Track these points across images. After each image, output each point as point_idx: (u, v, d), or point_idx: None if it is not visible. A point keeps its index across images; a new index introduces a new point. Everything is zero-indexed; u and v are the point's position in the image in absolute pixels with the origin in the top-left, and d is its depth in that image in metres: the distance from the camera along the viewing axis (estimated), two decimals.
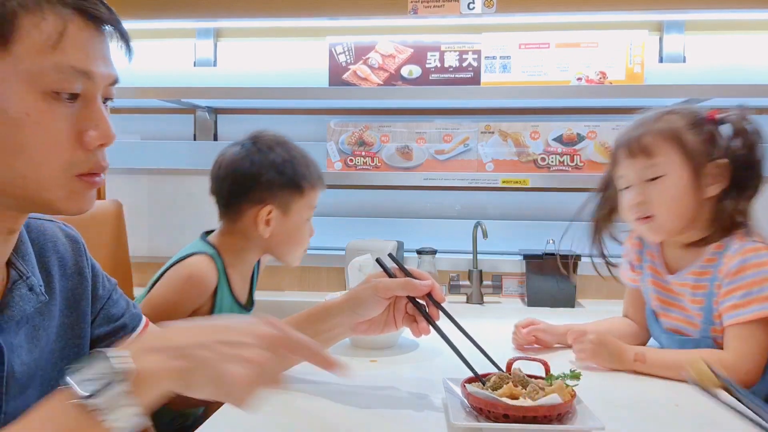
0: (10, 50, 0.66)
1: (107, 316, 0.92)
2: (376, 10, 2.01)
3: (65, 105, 0.69)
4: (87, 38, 0.70)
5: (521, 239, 2.04)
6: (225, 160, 1.34)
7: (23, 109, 0.67)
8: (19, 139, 0.67)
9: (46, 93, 0.68)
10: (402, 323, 1.03)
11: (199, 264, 1.28)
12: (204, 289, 1.27)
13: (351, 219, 2.18)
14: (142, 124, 2.28)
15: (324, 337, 1.05)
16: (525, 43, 1.99)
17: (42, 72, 0.67)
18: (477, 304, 1.83)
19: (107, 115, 0.73)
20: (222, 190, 1.34)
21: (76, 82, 0.69)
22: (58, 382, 0.83)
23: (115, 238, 1.66)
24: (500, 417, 0.83)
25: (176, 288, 1.26)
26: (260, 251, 1.38)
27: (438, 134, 2.05)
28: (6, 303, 0.75)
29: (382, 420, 0.91)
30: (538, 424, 0.82)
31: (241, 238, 1.35)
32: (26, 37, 0.66)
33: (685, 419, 0.93)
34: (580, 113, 2.09)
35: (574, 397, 0.86)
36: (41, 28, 0.66)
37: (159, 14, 2.11)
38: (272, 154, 1.32)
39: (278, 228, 1.33)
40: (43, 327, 0.81)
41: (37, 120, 0.67)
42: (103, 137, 0.72)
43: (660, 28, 2.07)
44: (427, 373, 1.12)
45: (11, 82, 0.66)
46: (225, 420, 0.90)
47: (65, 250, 0.87)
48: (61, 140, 0.69)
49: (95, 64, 0.71)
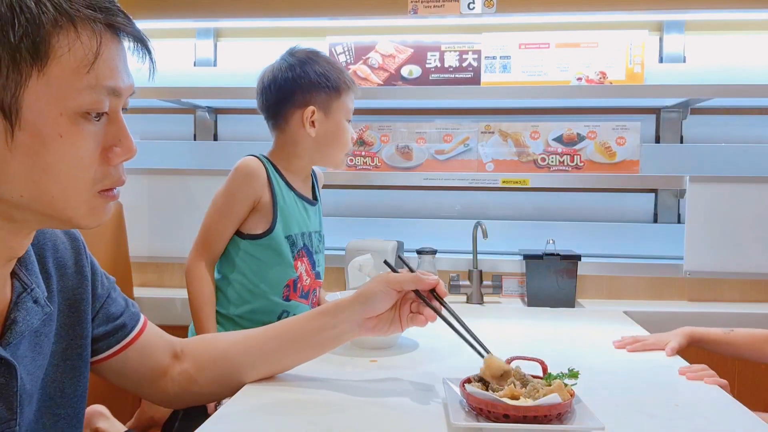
0: (47, 71, 0.65)
1: (107, 314, 0.92)
2: (376, 10, 2.01)
3: (93, 123, 0.69)
4: (115, 53, 0.70)
5: (521, 239, 2.04)
6: (267, 75, 1.49)
7: (57, 129, 0.66)
8: (49, 158, 0.67)
9: (77, 113, 0.67)
10: (407, 323, 1.04)
11: (244, 160, 1.44)
12: (252, 177, 1.42)
13: (351, 219, 2.18)
14: (142, 124, 2.28)
15: (331, 334, 1.04)
16: (525, 43, 1.99)
17: (76, 92, 0.67)
18: (477, 304, 1.83)
19: (128, 130, 0.74)
20: (269, 100, 1.48)
21: (105, 100, 0.69)
22: (62, 384, 0.84)
23: (115, 238, 1.66)
24: (500, 417, 0.83)
25: (228, 182, 1.43)
26: (309, 155, 1.51)
27: (438, 134, 2.05)
28: (14, 319, 0.75)
29: (382, 420, 0.91)
30: (539, 424, 0.82)
31: (291, 144, 1.49)
32: (62, 57, 0.65)
33: (685, 419, 0.93)
34: (580, 113, 2.09)
35: (573, 396, 0.86)
36: (76, 48, 0.66)
37: (159, 14, 2.11)
38: (309, 61, 1.47)
39: (322, 128, 1.47)
40: (44, 333, 0.81)
41: (71, 141, 0.67)
42: (127, 152, 0.73)
43: (660, 28, 2.07)
44: (427, 373, 1.12)
45: (46, 102, 0.65)
46: (225, 420, 0.90)
47: (65, 249, 0.87)
48: (88, 159, 0.70)
49: (121, 78, 0.71)
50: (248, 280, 1.44)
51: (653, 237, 2.06)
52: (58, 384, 0.84)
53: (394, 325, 1.05)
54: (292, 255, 1.46)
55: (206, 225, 1.44)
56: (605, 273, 1.95)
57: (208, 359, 1.03)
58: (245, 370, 1.03)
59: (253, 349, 1.04)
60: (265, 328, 1.07)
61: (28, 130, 0.65)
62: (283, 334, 1.05)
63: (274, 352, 1.04)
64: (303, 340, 1.05)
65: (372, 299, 1.02)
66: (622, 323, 1.60)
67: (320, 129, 1.47)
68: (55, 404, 0.83)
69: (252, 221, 1.43)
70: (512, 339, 1.44)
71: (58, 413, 0.84)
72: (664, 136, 2.09)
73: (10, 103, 0.64)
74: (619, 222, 2.11)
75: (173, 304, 1.88)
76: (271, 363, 1.05)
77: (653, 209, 2.12)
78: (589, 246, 2.01)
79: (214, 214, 1.43)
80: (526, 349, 1.32)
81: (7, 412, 0.73)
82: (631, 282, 1.94)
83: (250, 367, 1.03)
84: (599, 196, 2.12)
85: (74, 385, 0.86)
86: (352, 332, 1.05)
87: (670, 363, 1.22)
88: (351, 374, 1.12)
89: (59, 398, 0.84)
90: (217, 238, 1.44)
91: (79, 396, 0.87)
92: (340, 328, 1.04)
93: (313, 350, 1.07)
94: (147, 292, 1.93)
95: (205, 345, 1.06)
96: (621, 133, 1.97)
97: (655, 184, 2.03)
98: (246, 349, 1.04)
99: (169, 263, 2.05)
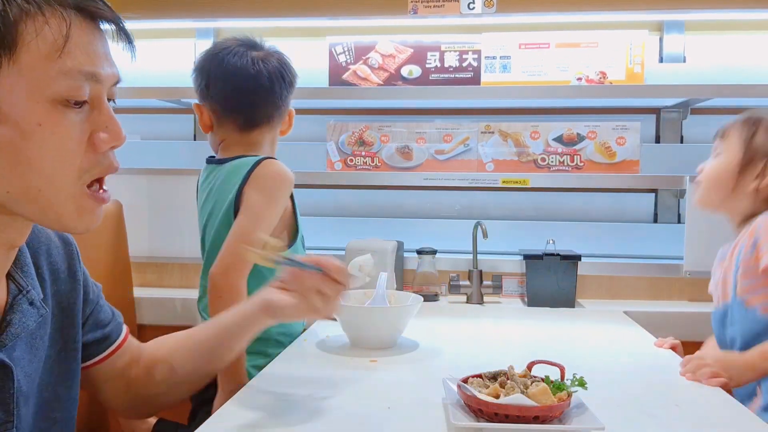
0: (16, 59, 0.64)
1: (96, 321, 0.92)
2: (376, 10, 2.01)
3: (74, 111, 0.68)
4: (90, 39, 0.68)
5: (521, 239, 2.04)
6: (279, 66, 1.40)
7: (35, 119, 0.65)
8: (31, 150, 0.65)
9: (55, 100, 0.66)
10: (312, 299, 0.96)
11: (278, 165, 1.34)
12: (291, 184, 1.35)
13: (351, 219, 2.18)
14: (142, 124, 2.28)
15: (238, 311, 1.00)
16: (525, 43, 1.99)
17: (51, 79, 0.65)
18: (477, 304, 1.83)
19: (115, 116, 0.72)
20: (271, 94, 1.39)
21: (84, 86, 0.67)
22: (56, 388, 0.84)
23: (115, 238, 1.66)
24: (502, 417, 0.83)
25: (271, 191, 1.31)
26: (270, 152, 1.45)
27: (438, 134, 2.05)
28: (9, 320, 0.74)
29: (382, 420, 0.91)
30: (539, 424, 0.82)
31: (273, 142, 1.45)
32: (31, 44, 0.64)
33: (685, 419, 0.93)
34: (580, 113, 2.09)
35: (564, 401, 0.86)
36: (45, 33, 0.64)
37: (159, 14, 2.11)
38: (284, 57, 1.43)
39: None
40: (39, 336, 0.80)
41: (50, 130, 0.66)
42: (114, 139, 0.71)
43: (660, 28, 2.07)
44: (427, 373, 1.12)
45: (20, 92, 0.64)
46: (225, 420, 0.90)
47: (58, 254, 0.87)
48: (73, 147, 0.68)
49: (101, 65, 0.69)
50: None
51: (653, 237, 2.06)
52: (53, 387, 0.84)
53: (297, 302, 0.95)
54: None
55: (249, 236, 1.23)
56: (605, 273, 1.95)
57: (154, 358, 1.01)
58: (178, 366, 1.00)
59: (183, 342, 1.02)
60: (204, 323, 1.06)
61: (5, 122, 0.64)
62: (211, 322, 1.04)
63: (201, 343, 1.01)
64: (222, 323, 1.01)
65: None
66: (622, 323, 1.60)
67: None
68: (50, 408, 0.83)
69: (283, 234, 1.36)
70: (512, 339, 1.44)
71: (54, 417, 0.84)
72: (664, 136, 2.09)
73: None
74: (619, 222, 2.11)
75: (173, 304, 1.87)
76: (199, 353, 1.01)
77: (653, 209, 2.12)
78: (589, 246, 2.01)
79: (257, 224, 1.26)
80: (525, 349, 1.32)
81: (4, 414, 0.73)
82: (631, 282, 1.94)
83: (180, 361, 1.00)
84: (599, 196, 2.12)
85: (68, 389, 0.86)
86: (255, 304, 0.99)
87: (670, 363, 1.22)
88: (351, 374, 1.12)
89: (54, 402, 0.84)
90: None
91: (73, 399, 0.87)
92: (248, 301, 1.00)
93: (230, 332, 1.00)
94: (147, 292, 1.93)
95: (154, 344, 1.04)
96: (621, 133, 1.97)
97: (655, 184, 2.03)
98: (180, 341, 1.02)
99: (168, 263, 2.05)
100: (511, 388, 0.87)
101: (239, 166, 1.34)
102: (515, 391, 0.86)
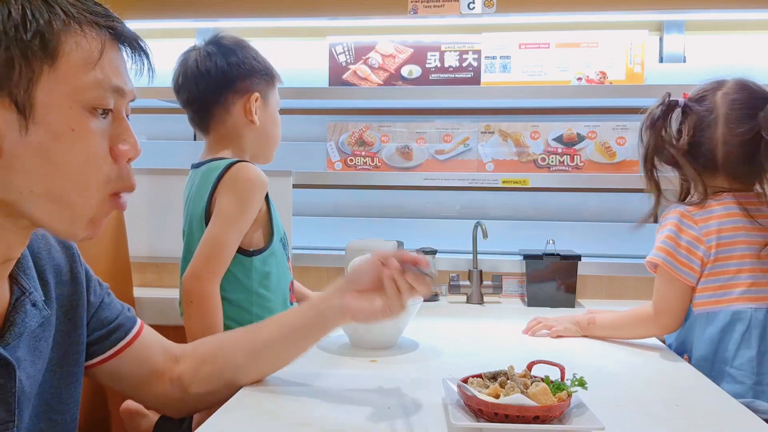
0: (56, 67, 0.69)
1: (100, 319, 0.93)
2: (376, 10, 2.01)
3: (100, 120, 0.73)
4: (117, 57, 0.75)
5: (521, 239, 2.04)
6: (189, 66, 1.39)
7: (67, 123, 0.70)
8: (62, 152, 0.70)
9: (86, 108, 0.71)
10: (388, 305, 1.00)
11: (249, 168, 1.32)
12: (265, 186, 1.33)
13: (351, 219, 2.18)
14: (143, 124, 2.27)
15: (314, 312, 1.03)
16: (525, 43, 1.99)
17: (84, 88, 0.71)
18: (477, 304, 1.83)
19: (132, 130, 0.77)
20: (201, 90, 1.38)
21: (111, 97, 0.73)
22: (59, 390, 0.85)
23: (115, 238, 1.66)
24: (502, 417, 0.83)
25: (243, 194, 1.30)
26: (251, 149, 1.43)
27: (438, 134, 2.05)
28: (12, 320, 0.76)
29: (382, 420, 0.91)
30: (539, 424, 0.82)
31: (235, 138, 1.40)
32: (70, 54, 0.70)
33: (685, 419, 0.93)
34: (580, 113, 2.09)
35: (564, 401, 0.86)
36: (83, 46, 0.70)
37: (159, 14, 2.11)
38: (244, 47, 1.40)
39: (261, 118, 1.41)
40: (44, 338, 0.82)
41: (81, 134, 0.71)
42: (133, 151, 0.77)
43: (660, 28, 2.07)
44: (427, 373, 1.12)
45: (57, 97, 0.69)
46: (224, 420, 0.90)
47: (59, 257, 0.88)
48: (99, 155, 0.73)
49: (125, 81, 0.76)
50: (264, 298, 1.35)
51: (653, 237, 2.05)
52: (55, 389, 0.85)
53: (374, 305, 0.99)
54: (286, 256, 1.43)
55: (219, 242, 1.26)
56: (605, 273, 1.95)
57: (203, 356, 1.02)
58: (236, 366, 1.02)
59: (242, 342, 1.04)
60: (257, 323, 1.07)
61: (41, 123, 0.68)
62: (273, 322, 1.05)
63: (262, 342, 1.03)
64: (290, 323, 1.04)
65: (356, 270, 1.04)
66: None
67: (261, 118, 1.41)
68: (52, 410, 0.84)
69: (255, 235, 1.35)
70: (512, 339, 1.44)
71: (55, 419, 0.85)
72: None
73: (23, 98, 0.67)
74: (619, 222, 2.11)
75: (173, 304, 1.87)
76: (260, 355, 1.03)
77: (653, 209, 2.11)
78: (589, 246, 2.01)
79: (228, 230, 1.27)
80: (525, 349, 1.32)
81: (6, 413, 0.74)
82: (631, 282, 1.94)
83: (239, 360, 1.02)
84: (599, 196, 2.12)
85: (71, 391, 0.87)
86: (336, 308, 1.02)
87: (670, 363, 1.22)
88: (351, 374, 1.12)
89: (56, 404, 0.85)
90: (229, 258, 1.29)
91: (75, 401, 0.88)
92: (325, 305, 1.03)
93: (300, 334, 1.03)
94: (147, 292, 1.93)
95: (201, 343, 1.06)
96: (621, 133, 1.97)
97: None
98: (236, 341, 1.04)
99: (169, 263, 2.05)
100: (511, 388, 0.87)
101: (210, 171, 1.34)
102: (515, 391, 0.86)
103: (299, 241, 2.12)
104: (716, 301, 1.24)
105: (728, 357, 1.20)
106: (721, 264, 1.25)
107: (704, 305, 1.26)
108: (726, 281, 1.25)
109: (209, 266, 1.25)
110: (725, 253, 1.25)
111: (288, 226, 1.91)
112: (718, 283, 1.25)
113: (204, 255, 1.26)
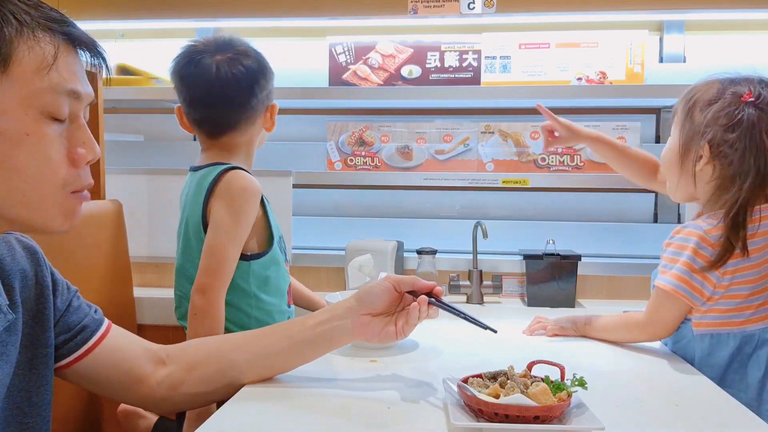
0: (9, 73, 0.69)
1: (67, 322, 0.93)
2: (376, 10, 2.01)
3: (57, 124, 0.74)
4: (73, 61, 0.75)
5: (521, 239, 2.04)
6: (207, 69, 1.33)
7: (22, 129, 0.71)
8: (19, 159, 0.71)
9: (41, 113, 0.72)
10: (401, 329, 1.04)
11: (245, 178, 1.32)
12: (258, 196, 1.32)
13: (351, 219, 2.18)
14: (143, 123, 2.27)
15: (326, 328, 1.03)
16: (525, 43, 1.99)
17: (39, 92, 0.71)
18: (477, 305, 1.83)
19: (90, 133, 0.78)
20: (238, 96, 1.35)
21: (67, 102, 0.74)
22: (29, 393, 0.85)
23: (115, 238, 1.66)
24: (502, 417, 0.83)
25: (238, 205, 1.29)
26: (253, 154, 1.44)
27: (438, 134, 2.05)
28: None
29: (382, 420, 0.91)
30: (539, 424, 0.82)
31: (247, 145, 1.41)
32: (23, 60, 0.70)
33: (685, 419, 0.93)
34: (580, 113, 2.09)
35: (564, 401, 0.85)
36: (36, 51, 0.71)
37: (159, 14, 2.10)
38: (258, 52, 1.39)
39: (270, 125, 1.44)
40: (10, 342, 0.81)
41: (36, 140, 0.72)
42: (90, 153, 0.77)
43: (660, 28, 2.07)
44: (427, 373, 1.12)
45: (10, 102, 0.70)
46: (224, 420, 0.90)
47: (24, 262, 0.88)
48: (57, 158, 0.74)
49: (81, 85, 0.76)
50: (263, 302, 1.36)
51: (653, 237, 2.06)
52: (24, 393, 0.85)
53: (387, 329, 1.04)
54: (284, 259, 1.43)
55: (219, 256, 1.27)
56: (605, 273, 1.95)
57: (199, 357, 1.02)
58: (237, 369, 1.02)
59: (245, 347, 1.04)
60: (262, 329, 1.07)
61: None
62: (279, 332, 1.05)
63: (267, 349, 1.04)
64: (297, 336, 1.04)
65: (369, 293, 1.04)
66: None
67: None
68: (22, 413, 0.84)
69: (252, 241, 1.35)
70: (512, 339, 1.43)
71: (26, 422, 0.85)
72: (664, 136, 2.09)
73: None
74: (619, 222, 2.11)
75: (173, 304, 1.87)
76: (264, 362, 1.04)
77: (653, 209, 2.12)
78: (589, 246, 2.01)
79: (227, 243, 1.27)
80: (525, 349, 1.32)
81: None
82: (631, 282, 1.94)
83: (241, 365, 1.02)
84: (599, 196, 2.12)
85: (41, 394, 0.87)
86: (346, 329, 1.04)
87: (670, 363, 1.22)
88: (351, 374, 1.12)
89: (27, 407, 0.85)
90: (231, 269, 1.29)
91: (46, 404, 0.88)
92: (336, 323, 1.03)
93: (307, 348, 1.05)
94: (147, 292, 1.92)
95: (194, 345, 1.06)
96: (621, 133, 1.97)
97: None
98: (238, 346, 1.04)
99: (168, 263, 2.04)
100: (511, 388, 0.87)
101: (204, 177, 1.33)
102: (515, 391, 0.86)
103: (299, 241, 2.12)
104: (724, 323, 1.17)
105: (735, 379, 1.15)
106: (735, 289, 1.17)
107: (709, 326, 1.18)
108: (737, 305, 1.17)
109: (214, 280, 1.26)
110: (741, 279, 1.17)
111: (288, 226, 1.92)
112: (728, 307, 1.17)
113: (207, 269, 1.27)
